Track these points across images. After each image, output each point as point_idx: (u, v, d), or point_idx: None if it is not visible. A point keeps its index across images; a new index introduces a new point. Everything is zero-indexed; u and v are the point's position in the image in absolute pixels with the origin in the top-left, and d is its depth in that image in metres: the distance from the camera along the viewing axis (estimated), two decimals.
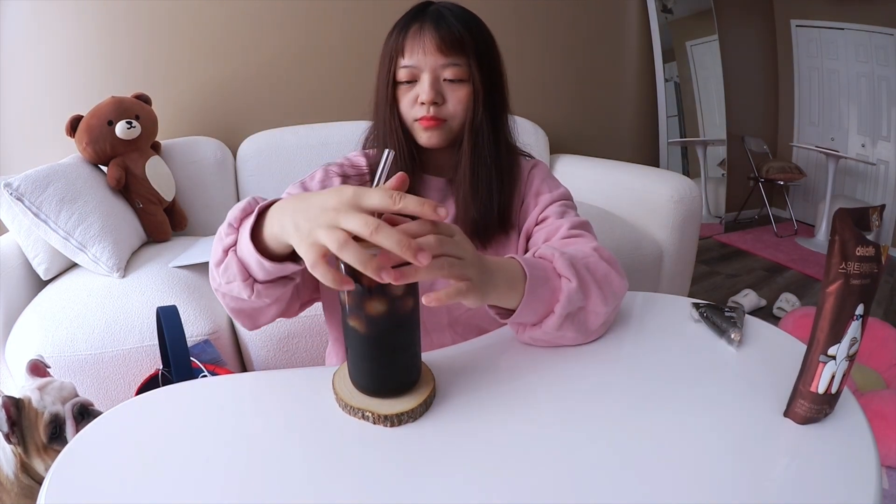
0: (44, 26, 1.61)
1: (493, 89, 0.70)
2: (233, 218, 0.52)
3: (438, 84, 0.68)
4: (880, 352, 1.53)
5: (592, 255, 0.61)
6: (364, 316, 0.46)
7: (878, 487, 0.40)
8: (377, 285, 0.44)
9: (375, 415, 0.48)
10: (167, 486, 0.42)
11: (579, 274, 0.56)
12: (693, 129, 3.14)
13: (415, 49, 0.66)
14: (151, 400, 0.53)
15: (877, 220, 0.44)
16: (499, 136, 0.72)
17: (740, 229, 3.37)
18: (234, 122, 1.87)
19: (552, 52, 2.31)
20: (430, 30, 0.66)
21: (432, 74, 0.67)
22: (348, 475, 0.43)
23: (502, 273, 0.51)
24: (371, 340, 0.48)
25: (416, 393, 0.50)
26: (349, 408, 0.49)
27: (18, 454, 0.80)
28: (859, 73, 3.08)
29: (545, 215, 0.73)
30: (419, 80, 0.68)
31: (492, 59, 0.70)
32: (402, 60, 0.68)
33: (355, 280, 0.43)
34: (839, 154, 3.05)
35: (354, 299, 0.46)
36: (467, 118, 0.69)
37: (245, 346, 1.27)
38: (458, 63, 0.67)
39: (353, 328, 0.47)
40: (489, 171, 0.71)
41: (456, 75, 0.67)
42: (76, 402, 0.85)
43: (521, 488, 0.41)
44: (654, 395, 0.52)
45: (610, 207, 1.76)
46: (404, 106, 0.69)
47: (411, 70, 0.67)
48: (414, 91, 0.68)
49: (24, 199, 1.20)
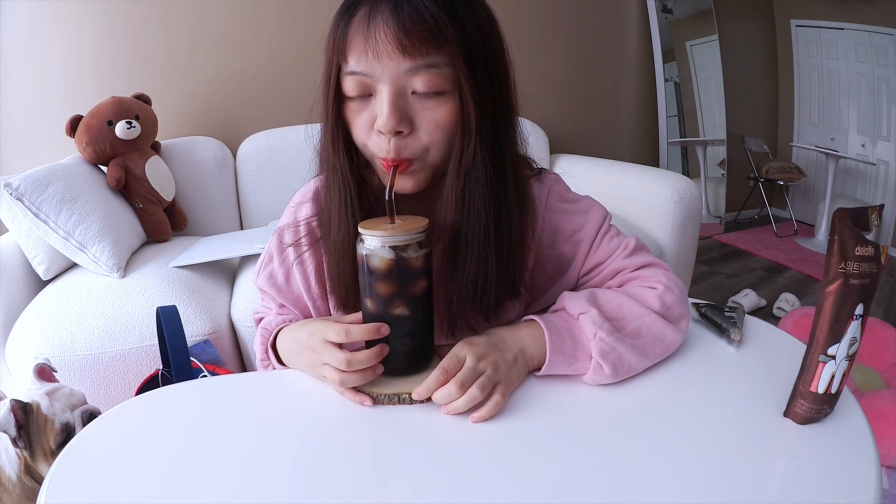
0: (44, 26, 1.61)
1: (493, 105, 0.47)
2: (260, 352, 0.61)
3: (404, 100, 0.45)
4: (880, 352, 1.52)
5: (648, 316, 0.53)
6: (408, 297, 0.50)
7: (878, 487, 0.40)
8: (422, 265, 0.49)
9: (412, 395, 0.50)
10: (167, 486, 0.42)
11: (619, 359, 0.51)
12: (693, 129, 3.13)
13: (363, 49, 0.44)
14: (151, 400, 0.53)
15: (876, 219, 0.44)
16: (504, 173, 0.50)
17: (740, 229, 3.36)
18: (234, 122, 1.87)
19: (552, 52, 2.31)
20: (385, 17, 0.43)
21: (393, 87, 0.45)
22: (348, 461, 0.43)
23: (525, 354, 0.53)
24: (417, 319, 0.51)
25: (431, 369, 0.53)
26: (383, 396, 0.51)
27: (23, 457, 0.80)
28: (859, 73, 3.08)
29: (594, 262, 0.59)
30: (375, 94, 0.46)
31: (491, 55, 0.47)
32: (345, 66, 0.46)
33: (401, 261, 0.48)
34: (839, 154, 3.04)
35: (396, 285, 0.49)
36: (454, 151, 0.48)
37: (245, 346, 1.27)
38: (433, 64, 0.44)
39: (398, 315, 0.50)
40: (484, 239, 0.50)
41: (431, 86, 0.45)
42: (85, 409, 0.85)
43: (527, 480, 0.41)
44: (653, 394, 0.52)
45: (610, 207, 1.74)
46: (358, 134, 0.49)
47: (360, 80, 0.45)
48: (369, 110, 0.47)
49: (24, 199, 1.20)
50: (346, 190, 0.51)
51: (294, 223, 0.61)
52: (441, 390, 0.49)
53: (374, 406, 0.51)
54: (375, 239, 0.48)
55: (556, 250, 0.59)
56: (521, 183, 0.54)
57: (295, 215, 0.62)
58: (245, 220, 1.82)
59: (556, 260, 0.60)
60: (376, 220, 0.51)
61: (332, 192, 0.52)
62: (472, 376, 0.49)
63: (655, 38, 2.72)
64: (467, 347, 0.51)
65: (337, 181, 0.51)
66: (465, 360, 0.50)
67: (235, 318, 1.25)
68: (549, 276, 0.61)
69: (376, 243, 0.48)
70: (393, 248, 0.48)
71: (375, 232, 0.48)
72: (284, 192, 1.78)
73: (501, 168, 0.49)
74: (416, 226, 0.49)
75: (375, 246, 0.48)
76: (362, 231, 0.49)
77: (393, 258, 0.48)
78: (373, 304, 0.51)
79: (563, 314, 0.55)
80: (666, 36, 2.78)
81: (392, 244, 0.48)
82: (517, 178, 0.52)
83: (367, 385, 0.52)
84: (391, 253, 0.48)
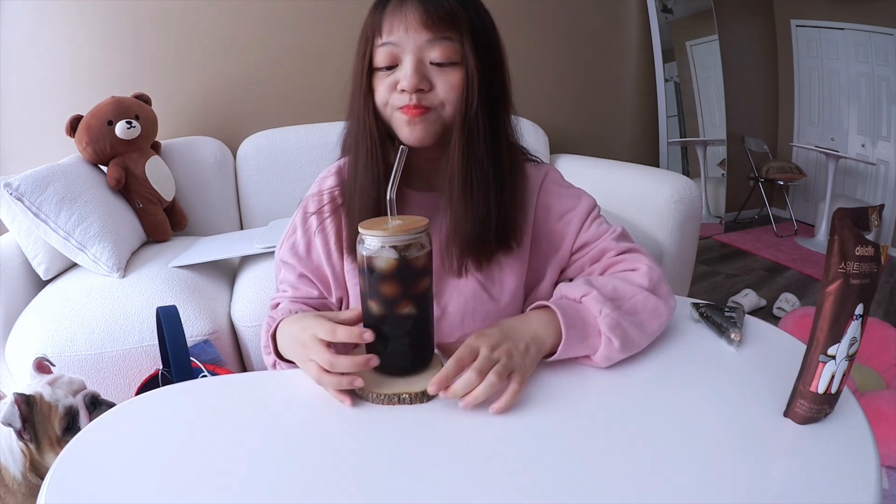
0: (44, 26, 1.61)
1: (491, 76, 0.59)
2: (263, 339, 0.64)
3: (423, 67, 0.57)
4: (880, 352, 1.52)
5: (640, 294, 0.59)
6: (413, 296, 0.50)
7: (878, 487, 0.40)
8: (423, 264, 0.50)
9: (412, 394, 0.50)
10: (167, 486, 0.42)
11: (625, 333, 0.55)
12: (693, 129, 3.14)
13: (395, 24, 0.56)
14: (151, 400, 0.53)
15: (876, 219, 0.44)
16: (498, 133, 0.61)
17: (740, 229, 3.37)
18: (234, 122, 1.87)
19: (552, 52, 2.31)
20: (414, 3, 0.56)
21: (416, 55, 0.56)
22: (349, 461, 0.43)
23: (537, 341, 0.55)
24: (420, 318, 0.52)
25: (432, 369, 0.53)
26: (382, 396, 0.51)
27: (29, 452, 0.81)
28: (859, 73, 3.08)
29: (584, 241, 0.67)
30: (400, 64, 0.57)
31: (490, 40, 0.59)
32: (378, 39, 0.57)
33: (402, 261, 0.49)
34: (839, 154, 3.04)
35: (400, 286, 0.50)
36: (459, 109, 0.58)
37: (245, 346, 1.27)
38: (448, 38, 0.56)
39: (404, 314, 0.50)
40: (485, 176, 0.59)
41: (445, 56, 0.56)
42: (87, 393, 0.87)
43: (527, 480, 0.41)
44: (654, 394, 0.52)
45: (610, 207, 1.76)
46: (381, 95, 0.59)
47: (390, 49, 0.57)
48: (393, 76, 0.58)
49: (24, 199, 1.20)
50: (370, 137, 0.60)
51: (318, 192, 0.70)
52: (459, 380, 0.49)
53: (377, 406, 0.51)
54: (376, 239, 0.48)
55: (549, 227, 0.67)
56: (514, 148, 0.65)
57: (319, 186, 0.71)
58: (245, 220, 1.82)
59: (548, 236, 0.67)
60: (376, 221, 0.51)
61: (360, 145, 0.61)
62: (487, 365, 0.50)
63: (655, 38, 2.72)
64: (481, 338, 0.52)
65: (365, 135, 0.61)
66: (478, 350, 0.51)
67: (235, 318, 1.25)
68: (544, 253, 0.68)
69: (377, 244, 0.48)
70: (395, 248, 0.48)
71: (376, 232, 0.48)
72: (284, 192, 1.78)
73: (496, 128, 0.60)
74: (416, 226, 0.49)
75: (377, 247, 0.48)
76: (363, 231, 0.49)
77: (396, 258, 0.48)
78: (377, 305, 0.51)
79: (566, 300, 0.59)
80: (666, 36, 2.78)
81: (394, 244, 0.48)
82: (510, 143, 0.64)
83: (368, 383, 0.52)
84: (394, 253, 0.48)
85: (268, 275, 1.29)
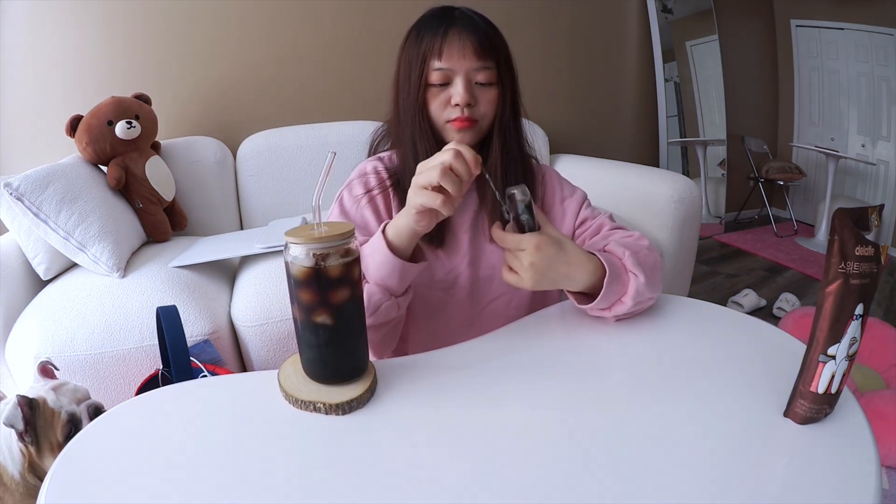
0: (44, 26, 1.61)
1: (514, 92, 0.74)
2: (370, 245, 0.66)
3: (471, 86, 0.70)
4: (880, 352, 1.52)
5: (644, 249, 0.68)
6: (329, 306, 0.49)
7: (878, 487, 0.40)
8: (342, 275, 0.49)
9: (327, 405, 0.49)
10: (167, 486, 0.42)
11: (645, 270, 0.63)
12: (693, 129, 3.14)
13: (452, 52, 0.69)
14: (151, 400, 0.53)
15: (876, 219, 0.44)
16: (521, 136, 0.78)
17: (740, 229, 3.37)
18: (234, 122, 1.87)
19: (552, 53, 2.31)
20: (467, 34, 0.69)
21: (466, 77, 0.69)
22: (349, 461, 0.43)
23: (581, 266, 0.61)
24: (337, 330, 0.51)
25: (361, 381, 0.52)
26: (298, 402, 0.50)
27: (28, 454, 0.81)
28: (859, 73, 3.08)
29: (582, 218, 0.80)
30: (452, 83, 0.70)
31: (511, 63, 0.74)
32: (436, 63, 0.69)
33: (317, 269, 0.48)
34: (839, 154, 3.04)
35: (319, 295, 0.49)
36: (496, 118, 0.73)
37: (245, 346, 1.27)
38: (489, 66, 0.70)
39: (321, 323, 0.50)
40: (517, 167, 0.76)
41: (487, 79, 0.70)
42: (90, 403, 0.87)
43: (527, 481, 0.41)
44: (653, 394, 0.52)
45: (610, 207, 1.75)
46: (435, 108, 0.72)
47: (445, 73, 0.70)
48: (446, 93, 0.71)
49: (24, 199, 1.20)
50: (427, 140, 0.72)
51: (363, 174, 0.79)
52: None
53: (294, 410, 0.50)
54: (295, 246, 0.48)
55: (554, 209, 0.82)
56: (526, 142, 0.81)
57: (363, 169, 0.80)
58: (245, 220, 1.82)
59: (552, 217, 0.81)
60: (304, 227, 0.51)
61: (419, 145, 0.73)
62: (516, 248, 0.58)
63: (655, 38, 2.72)
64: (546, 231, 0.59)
65: (422, 137, 0.72)
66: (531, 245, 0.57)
67: (235, 318, 1.25)
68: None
69: (295, 250, 0.48)
70: (312, 256, 0.48)
71: (293, 238, 0.48)
72: (284, 192, 1.78)
73: (517, 128, 0.77)
74: (335, 234, 0.48)
75: (294, 253, 0.48)
76: (287, 238, 0.49)
77: (311, 266, 0.48)
78: (296, 309, 0.51)
79: None
80: (666, 36, 2.78)
81: (311, 251, 0.48)
82: (525, 138, 0.80)
83: (288, 387, 0.52)
84: (310, 261, 0.48)
85: (268, 275, 1.29)
